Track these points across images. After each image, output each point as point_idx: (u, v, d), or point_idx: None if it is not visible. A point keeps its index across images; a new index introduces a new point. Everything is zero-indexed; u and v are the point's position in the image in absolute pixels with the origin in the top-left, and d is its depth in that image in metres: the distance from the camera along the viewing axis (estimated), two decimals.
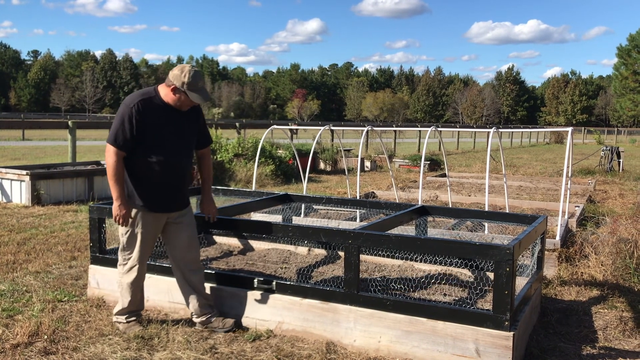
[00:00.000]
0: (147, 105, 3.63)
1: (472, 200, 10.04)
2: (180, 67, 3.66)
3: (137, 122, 3.57)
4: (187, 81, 3.59)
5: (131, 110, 3.57)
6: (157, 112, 3.66)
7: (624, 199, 11.00)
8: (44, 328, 3.87)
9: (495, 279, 3.33)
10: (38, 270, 5.32)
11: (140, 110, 3.59)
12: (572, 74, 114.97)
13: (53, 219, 7.82)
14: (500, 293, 3.31)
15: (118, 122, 3.59)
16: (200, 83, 3.66)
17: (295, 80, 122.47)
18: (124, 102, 3.65)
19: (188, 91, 3.62)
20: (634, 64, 61.73)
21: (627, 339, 4.03)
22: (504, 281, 3.30)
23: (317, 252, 5.46)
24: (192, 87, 3.62)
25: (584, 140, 47.94)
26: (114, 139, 3.58)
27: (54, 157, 17.78)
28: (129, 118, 3.57)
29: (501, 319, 3.31)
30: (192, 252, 3.95)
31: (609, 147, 17.68)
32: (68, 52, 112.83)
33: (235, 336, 3.82)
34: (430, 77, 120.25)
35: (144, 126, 3.60)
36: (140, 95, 3.67)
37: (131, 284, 3.85)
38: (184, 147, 3.81)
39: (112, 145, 3.58)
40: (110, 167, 3.59)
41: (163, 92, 3.69)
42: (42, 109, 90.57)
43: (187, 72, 3.60)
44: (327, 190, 11.82)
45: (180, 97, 3.66)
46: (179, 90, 3.63)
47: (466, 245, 3.52)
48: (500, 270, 3.31)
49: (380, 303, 3.68)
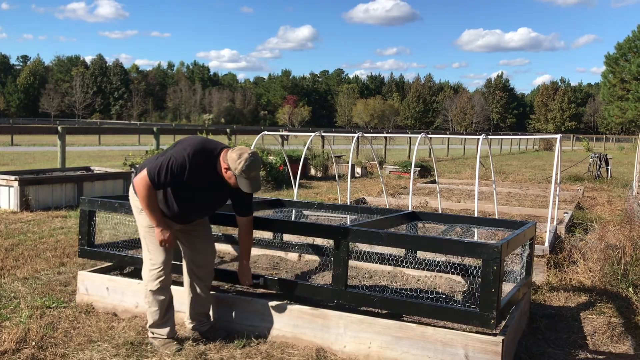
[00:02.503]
0: (202, 165, 3.56)
1: (462, 207, 10.08)
2: (239, 152, 3.53)
3: (181, 176, 3.50)
4: (240, 169, 3.50)
5: (185, 163, 3.49)
6: (206, 175, 3.60)
7: (612, 205, 11.09)
8: (32, 335, 3.85)
9: (483, 277, 3.33)
10: (26, 277, 5.28)
11: (192, 167, 3.51)
12: (561, 81, 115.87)
13: (42, 224, 7.77)
14: (487, 291, 3.30)
15: (167, 164, 3.49)
16: (253, 173, 3.54)
17: (286, 87, 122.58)
18: (184, 149, 3.53)
19: (239, 177, 3.54)
20: (622, 72, 62.36)
21: (615, 345, 4.06)
22: (491, 279, 3.29)
23: (307, 258, 5.46)
24: (245, 174, 3.52)
25: (573, 147, 48.33)
26: (155, 177, 3.50)
27: (43, 162, 17.67)
28: (178, 168, 3.48)
29: (487, 317, 3.30)
30: (206, 257, 3.95)
31: (598, 154, 17.83)
32: (58, 57, 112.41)
33: (225, 343, 3.81)
34: (421, 84, 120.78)
35: (185, 181, 3.55)
36: (202, 150, 3.56)
37: (159, 290, 3.74)
38: (210, 209, 3.89)
39: (151, 181, 3.50)
40: (145, 199, 3.54)
41: (224, 172, 3.60)
42: (32, 114, 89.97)
43: (243, 160, 3.49)
44: (317, 196, 11.83)
45: (230, 178, 3.59)
46: (241, 176, 3.54)
47: (455, 243, 3.53)
48: (488, 269, 3.30)
49: (368, 299, 3.67)
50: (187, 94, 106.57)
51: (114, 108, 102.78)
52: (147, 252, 3.77)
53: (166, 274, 3.76)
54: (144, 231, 3.76)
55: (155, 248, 3.72)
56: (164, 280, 3.75)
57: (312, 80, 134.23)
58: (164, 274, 3.74)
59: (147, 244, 3.76)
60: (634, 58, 60.12)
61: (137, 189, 3.56)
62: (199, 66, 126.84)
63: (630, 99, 59.82)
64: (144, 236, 3.77)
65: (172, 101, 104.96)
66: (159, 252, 3.72)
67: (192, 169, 3.52)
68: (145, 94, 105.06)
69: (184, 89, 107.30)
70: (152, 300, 3.74)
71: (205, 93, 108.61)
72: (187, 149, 3.54)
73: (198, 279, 3.92)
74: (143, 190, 3.53)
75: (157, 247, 3.72)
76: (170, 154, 3.55)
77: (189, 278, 3.93)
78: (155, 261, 3.73)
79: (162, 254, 3.73)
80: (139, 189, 3.55)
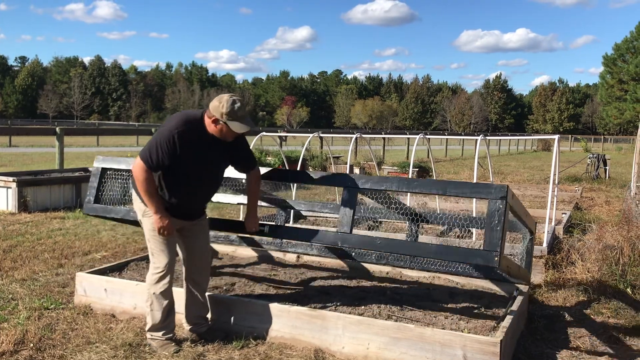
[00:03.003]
0: (189, 134, 3.52)
1: (461, 208, 10.08)
2: (218, 98, 3.54)
3: (173, 150, 3.48)
4: (225, 111, 3.47)
5: (173, 137, 3.46)
6: (196, 141, 3.55)
7: (610, 206, 11.11)
8: (30, 336, 3.84)
9: (488, 217, 3.32)
10: (24, 278, 5.28)
11: (181, 138, 3.48)
12: (559, 82, 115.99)
13: (40, 226, 7.76)
14: (492, 230, 3.29)
15: (156, 143, 3.49)
16: (240, 112, 3.50)
17: (284, 88, 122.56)
18: (168, 125, 3.52)
19: (228, 121, 3.50)
20: (620, 73, 62.42)
21: (613, 345, 4.06)
22: (497, 219, 3.29)
23: (305, 259, 5.46)
24: (231, 116, 3.48)
25: (571, 147, 48.37)
26: (148, 158, 3.48)
27: (41, 163, 17.64)
28: (167, 143, 3.46)
29: (491, 255, 3.29)
30: (203, 259, 3.95)
31: (596, 155, 17.86)
32: (56, 58, 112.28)
33: (224, 344, 3.81)
34: (419, 85, 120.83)
35: (179, 156, 3.51)
36: (185, 121, 3.54)
37: (162, 294, 3.72)
38: (213, 178, 3.81)
39: (144, 163, 3.49)
40: (142, 183, 3.51)
41: (207, 122, 3.58)
42: (30, 116, 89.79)
43: (224, 102, 3.48)
44: (316, 197, 11.83)
45: (222, 129, 3.55)
46: (219, 121, 3.52)
47: (462, 185, 3.58)
48: (494, 208, 3.31)
49: (372, 242, 3.74)
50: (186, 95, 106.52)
51: (112, 109, 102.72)
52: (152, 255, 3.76)
53: (170, 278, 3.76)
54: (148, 234, 3.74)
55: (160, 252, 3.71)
56: (168, 283, 3.74)
57: (310, 81, 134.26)
58: (168, 278, 3.74)
59: (152, 247, 3.74)
60: (632, 59, 60.20)
61: (135, 175, 3.53)
62: (198, 67, 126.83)
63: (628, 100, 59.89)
64: (149, 239, 3.75)
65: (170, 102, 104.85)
66: (163, 255, 3.71)
67: (182, 140, 3.48)
68: (143, 95, 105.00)
69: (183, 89, 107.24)
70: (155, 304, 3.73)
71: (203, 94, 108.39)
72: (171, 123, 3.53)
73: (195, 282, 3.91)
74: (139, 175, 3.50)
75: (162, 251, 3.70)
76: (156, 134, 3.57)
77: (185, 281, 3.92)
78: (159, 264, 3.72)
79: (166, 257, 3.71)
80: (136, 175, 3.52)
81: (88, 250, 6.46)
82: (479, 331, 3.74)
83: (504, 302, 4.36)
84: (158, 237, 3.69)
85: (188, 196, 3.72)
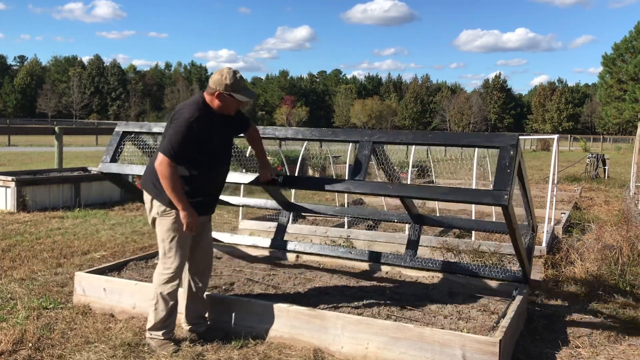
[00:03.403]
0: (202, 117, 3.57)
1: (459, 207, 10.08)
2: (219, 72, 3.62)
3: (194, 137, 3.52)
4: (229, 82, 3.57)
5: (191, 125, 3.50)
6: (208, 124, 3.61)
7: (610, 205, 11.12)
8: (29, 336, 3.84)
9: (500, 161, 3.46)
10: (23, 277, 5.27)
11: (199, 124, 3.53)
12: (558, 82, 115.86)
13: (39, 225, 7.75)
14: (503, 172, 3.42)
15: (176, 135, 3.49)
16: (242, 82, 3.63)
17: (284, 87, 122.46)
18: (183, 116, 3.54)
19: (233, 93, 3.59)
20: (619, 73, 62.45)
21: (612, 345, 4.06)
22: (507, 162, 3.43)
23: (305, 259, 5.46)
24: (235, 87, 3.59)
25: (570, 147, 48.39)
26: (171, 152, 3.47)
27: (40, 163, 17.64)
28: (188, 133, 3.49)
29: (501, 194, 3.37)
30: (207, 259, 3.96)
31: (595, 155, 17.88)
32: (55, 57, 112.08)
33: (222, 344, 3.80)
34: (418, 85, 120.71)
35: (198, 139, 3.55)
36: (196, 107, 3.59)
37: (169, 295, 3.72)
38: (226, 153, 3.84)
39: (169, 157, 3.47)
40: (170, 179, 3.50)
41: (208, 100, 3.64)
42: (29, 115, 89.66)
43: (226, 74, 3.58)
44: (315, 197, 11.82)
45: (226, 102, 3.62)
46: (223, 95, 3.59)
47: (474, 137, 3.75)
48: (505, 154, 3.45)
49: (384, 187, 3.95)
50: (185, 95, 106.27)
51: (111, 108, 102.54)
52: (164, 255, 3.73)
53: (179, 280, 3.76)
54: (164, 234, 3.70)
55: (174, 253, 3.69)
56: (176, 285, 3.74)
57: (309, 80, 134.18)
58: (178, 280, 3.74)
59: (167, 247, 3.70)
60: (631, 59, 60.24)
61: (161, 172, 3.50)
62: (197, 66, 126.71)
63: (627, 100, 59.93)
64: (163, 239, 3.71)
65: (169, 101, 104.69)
66: (177, 256, 3.70)
67: (200, 125, 3.53)
68: (142, 95, 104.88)
69: (182, 89, 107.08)
70: (160, 304, 3.71)
71: None
72: (184, 115, 3.54)
73: (197, 281, 3.91)
74: (165, 170, 3.49)
75: (176, 252, 3.69)
76: (172, 128, 3.54)
77: (189, 283, 3.91)
78: (170, 265, 3.70)
79: (180, 259, 3.71)
80: (161, 172, 3.50)
81: (87, 249, 6.46)
82: (478, 331, 3.73)
83: (503, 301, 4.36)
84: (175, 238, 3.67)
85: (208, 182, 3.73)
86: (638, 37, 60.18)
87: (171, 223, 3.67)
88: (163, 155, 3.50)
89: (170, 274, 3.69)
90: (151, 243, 6.87)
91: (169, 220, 3.67)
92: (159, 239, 3.75)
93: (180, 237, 3.69)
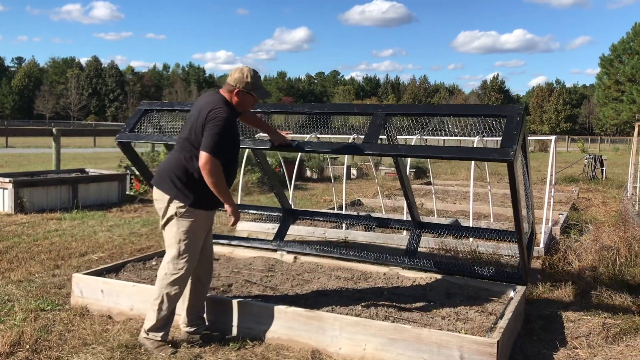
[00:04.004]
0: (233, 115, 3.69)
1: (457, 208, 10.10)
2: (239, 70, 3.72)
3: (229, 134, 3.62)
4: (250, 80, 3.68)
5: (229, 123, 3.61)
6: (236, 121, 3.77)
7: (607, 206, 11.13)
8: (26, 337, 3.83)
9: (506, 126, 3.65)
10: (20, 279, 5.26)
11: (232, 121, 3.66)
12: (556, 83, 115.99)
13: (36, 227, 7.74)
14: (509, 134, 3.58)
15: (219, 134, 3.53)
16: (260, 81, 3.76)
17: (282, 89, 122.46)
18: (221, 115, 3.58)
19: (253, 91, 3.70)
20: (616, 74, 62.60)
21: (610, 346, 4.06)
22: (513, 127, 3.61)
23: (303, 260, 5.46)
24: (256, 86, 3.70)
25: (568, 148, 48.45)
26: (215, 150, 3.51)
27: (37, 164, 17.61)
28: (227, 131, 3.58)
29: (507, 151, 3.51)
30: (210, 259, 3.97)
31: (593, 156, 17.90)
32: (53, 59, 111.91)
33: (220, 345, 3.80)
34: (416, 86, 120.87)
35: (232, 137, 3.67)
36: (225, 104, 3.67)
37: (175, 296, 3.70)
38: (239, 147, 3.95)
39: (214, 155, 3.51)
40: (218, 177, 3.54)
41: (228, 98, 3.73)
42: (26, 116, 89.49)
43: (247, 73, 3.68)
44: (313, 198, 11.83)
45: (245, 100, 3.72)
46: (243, 92, 3.69)
47: (484, 107, 3.95)
48: (511, 120, 3.66)
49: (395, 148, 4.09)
50: (183, 96, 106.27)
51: (109, 110, 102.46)
52: (177, 256, 3.68)
53: (186, 281, 3.77)
54: (181, 235, 3.66)
55: (187, 255, 3.68)
56: (184, 286, 3.75)
57: (307, 82, 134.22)
58: (186, 281, 3.75)
59: (181, 248, 3.67)
60: (628, 60, 60.38)
61: (209, 171, 3.51)
62: (195, 68, 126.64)
63: (624, 101, 60.07)
64: (180, 239, 3.66)
65: None
66: (189, 259, 3.69)
67: (233, 121, 3.67)
68: (140, 96, 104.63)
69: (180, 90, 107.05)
70: (164, 303, 3.69)
71: (200, 95, 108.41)
72: (221, 114, 3.58)
73: (201, 283, 3.91)
74: (214, 169, 3.52)
75: (189, 255, 3.68)
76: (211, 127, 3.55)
77: (192, 283, 3.88)
78: (182, 266, 3.67)
79: (191, 261, 3.70)
80: (208, 170, 3.51)
81: (85, 251, 6.45)
82: (475, 332, 3.74)
83: (501, 302, 4.36)
84: (192, 240, 3.68)
85: (230, 178, 3.79)
86: (635, 38, 60.31)
87: (190, 224, 3.65)
88: (208, 154, 3.51)
89: (180, 274, 3.68)
90: (149, 244, 6.86)
91: (188, 221, 3.66)
92: (172, 240, 3.69)
93: (196, 240, 3.71)
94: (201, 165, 3.53)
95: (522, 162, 4.33)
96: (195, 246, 3.72)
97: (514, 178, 3.67)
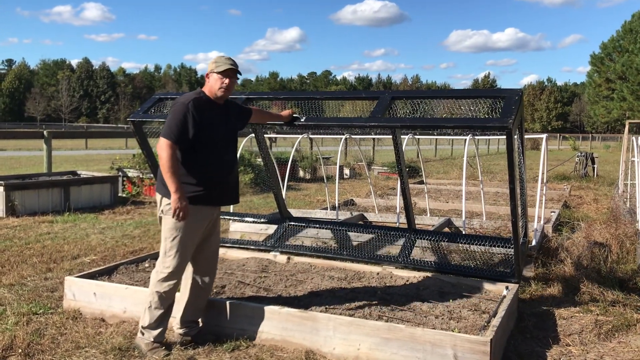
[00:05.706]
0: (200, 103, 3.73)
1: (450, 207, 10.12)
2: (212, 62, 3.88)
3: (192, 119, 3.64)
4: (215, 60, 3.83)
5: (187, 107, 3.65)
6: (207, 110, 3.77)
7: (599, 204, 11.19)
8: (19, 341, 3.81)
9: (506, 103, 3.84)
10: (12, 283, 5.23)
11: (196, 106, 3.68)
12: (548, 81, 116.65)
13: (28, 230, 7.70)
14: (508, 108, 3.77)
15: (173, 118, 3.63)
16: (223, 59, 3.84)
17: (273, 89, 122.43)
18: (179, 101, 3.73)
19: (216, 69, 3.78)
20: (607, 72, 62.98)
21: (602, 342, 4.09)
22: (513, 101, 3.82)
23: (296, 261, 5.46)
24: (218, 64, 3.80)
25: (560, 146, 48.69)
26: (169, 133, 3.59)
27: (29, 167, 17.52)
28: (185, 114, 3.63)
29: (506, 119, 3.68)
30: (212, 261, 3.97)
31: (584, 153, 17.99)
32: (43, 60, 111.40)
33: (214, 347, 3.79)
34: (408, 85, 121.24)
35: (198, 123, 3.66)
36: (194, 93, 3.82)
37: (165, 294, 3.71)
38: (231, 145, 3.95)
39: (167, 138, 3.57)
40: (166, 160, 3.56)
41: (207, 90, 3.85)
42: (17, 119, 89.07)
43: (215, 57, 3.87)
44: (306, 198, 11.82)
45: (211, 81, 3.80)
46: (213, 73, 3.79)
47: (483, 91, 4.24)
48: (510, 100, 3.85)
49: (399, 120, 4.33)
50: None
51: (100, 112, 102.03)
52: (164, 254, 3.72)
53: (178, 281, 3.76)
54: (167, 232, 3.70)
55: (175, 252, 3.68)
56: (175, 285, 3.73)
57: (300, 82, 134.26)
58: (175, 280, 3.73)
59: (168, 246, 3.70)
60: (618, 58, 60.76)
61: (160, 155, 3.59)
62: (186, 69, 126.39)
63: (615, 99, 60.43)
64: (166, 237, 3.70)
65: None
66: (177, 256, 3.68)
67: (197, 107, 3.69)
68: (132, 97, 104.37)
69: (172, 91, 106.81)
70: (156, 302, 3.70)
71: None
72: (181, 100, 3.73)
73: (200, 285, 3.90)
74: (164, 152, 3.56)
75: (177, 252, 3.68)
76: (170, 113, 3.70)
77: (191, 285, 3.88)
78: (170, 265, 3.68)
79: (180, 259, 3.69)
80: (160, 154, 3.58)
81: (77, 254, 6.42)
82: (469, 330, 3.75)
83: (494, 301, 4.38)
84: (177, 237, 3.67)
85: (213, 172, 3.76)
86: (625, 36, 60.68)
87: (175, 221, 3.66)
88: (162, 138, 3.60)
89: (168, 272, 3.68)
90: (141, 247, 6.84)
91: (172, 220, 3.66)
92: (162, 238, 3.76)
93: (184, 237, 3.68)
94: (156, 148, 3.66)
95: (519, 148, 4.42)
96: (185, 244, 3.69)
97: (511, 149, 3.83)
